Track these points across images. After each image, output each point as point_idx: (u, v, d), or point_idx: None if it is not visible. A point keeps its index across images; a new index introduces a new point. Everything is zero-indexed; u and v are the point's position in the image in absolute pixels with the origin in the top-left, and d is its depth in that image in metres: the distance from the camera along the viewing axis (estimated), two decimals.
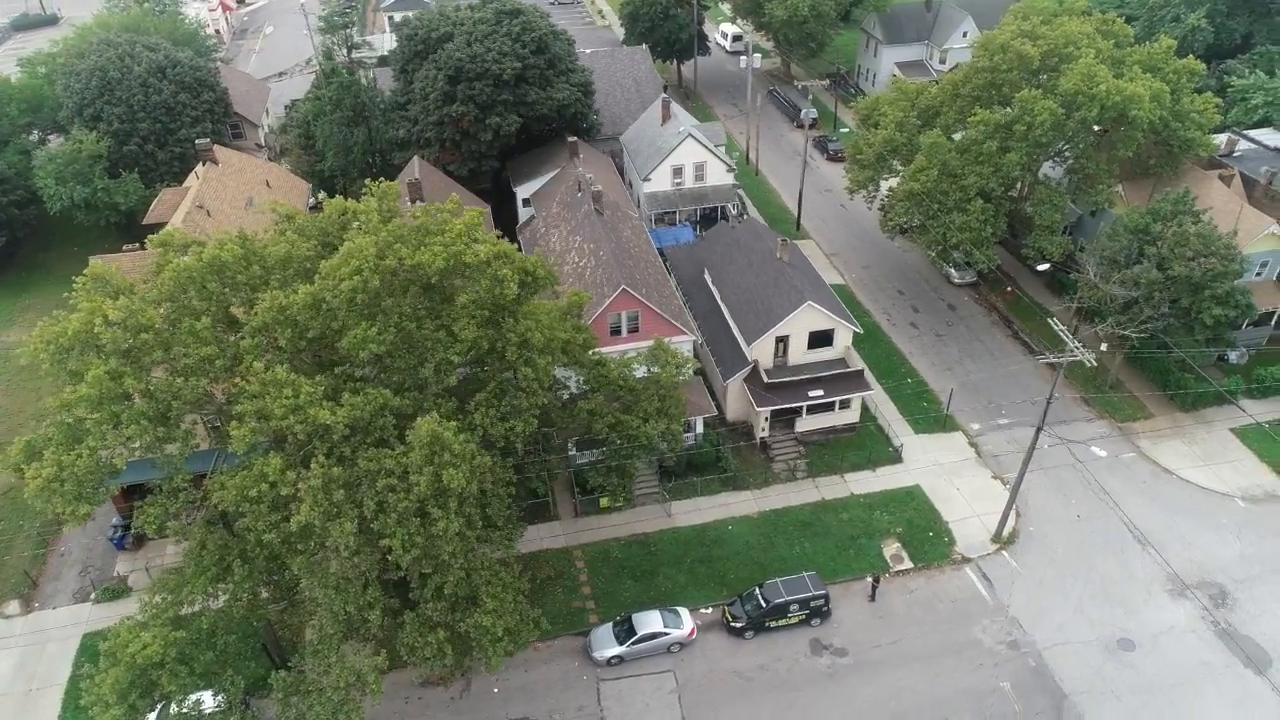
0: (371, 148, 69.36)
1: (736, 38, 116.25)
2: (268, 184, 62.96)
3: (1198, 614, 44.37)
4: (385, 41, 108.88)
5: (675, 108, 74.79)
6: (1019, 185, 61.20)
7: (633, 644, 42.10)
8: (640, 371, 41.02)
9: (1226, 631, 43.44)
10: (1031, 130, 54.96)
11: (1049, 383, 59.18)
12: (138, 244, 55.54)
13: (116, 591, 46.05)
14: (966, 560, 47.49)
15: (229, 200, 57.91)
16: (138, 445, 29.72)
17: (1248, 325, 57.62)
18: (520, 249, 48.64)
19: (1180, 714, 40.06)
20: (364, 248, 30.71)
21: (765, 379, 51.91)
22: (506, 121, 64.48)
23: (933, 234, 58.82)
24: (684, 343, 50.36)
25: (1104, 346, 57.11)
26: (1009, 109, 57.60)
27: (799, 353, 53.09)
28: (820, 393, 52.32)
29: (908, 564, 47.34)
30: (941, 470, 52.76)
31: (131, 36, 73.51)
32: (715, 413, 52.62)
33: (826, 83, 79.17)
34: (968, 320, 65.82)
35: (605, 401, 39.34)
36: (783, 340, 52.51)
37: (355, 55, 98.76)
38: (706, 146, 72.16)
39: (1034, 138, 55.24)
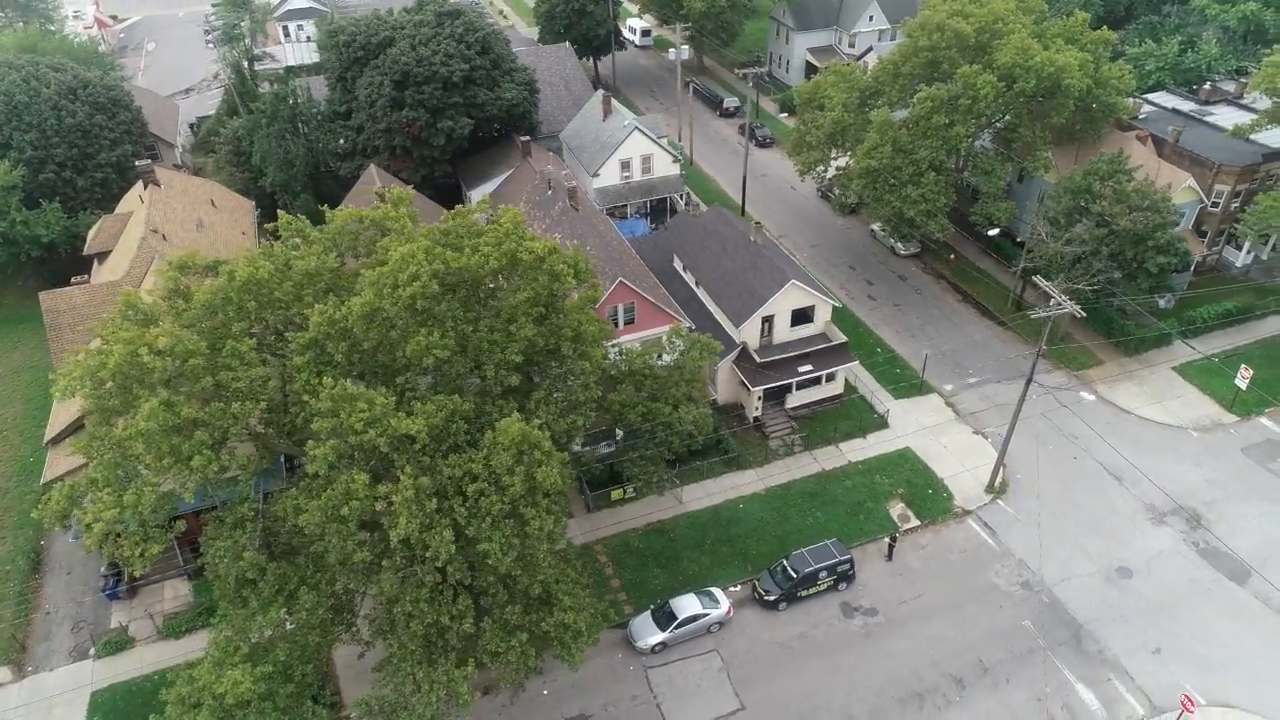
0: (313, 160, 66.95)
1: (645, 32, 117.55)
2: (213, 203, 60.08)
3: (1179, 538, 48.18)
4: (287, 52, 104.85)
5: (614, 103, 75.29)
6: (957, 157, 64.44)
7: (675, 629, 42.56)
8: (663, 359, 41.45)
9: (1207, 551, 47.37)
10: (976, 103, 58.11)
11: (1006, 342, 63.30)
12: (84, 276, 52.28)
13: (119, 644, 43.27)
14: (967, 512, 50.03)
15: (179, 222, 55.00)
16: (200, 476, 28.18)
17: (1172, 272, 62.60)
18: None
19: (1182, 629, 43.49)
20: (416, 253, 30.03)
21: (757, 359, 53.17)
22: (459, 125, 63.53)
23: (889, 208, 61.35)
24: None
25: (1053, 301, 61.10)
26: (947, 85, 60.65)
27: (783, 331, 54.56)
28: (809, 367, 54.00)
29: (914, 522, 49.50)
30: (926, 431, 55.29)
31: (33, 57, 68.52)
32: (714, 397, 53.49)
33: (755, 71, 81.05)
34: (920, 289, 68.96)
35: (634, 391, 39.56)
36: (768, 320, 53.87)
37: (259, 67, 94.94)
38: (652, 139, 72.97)
39: (978, 110, 58.44)
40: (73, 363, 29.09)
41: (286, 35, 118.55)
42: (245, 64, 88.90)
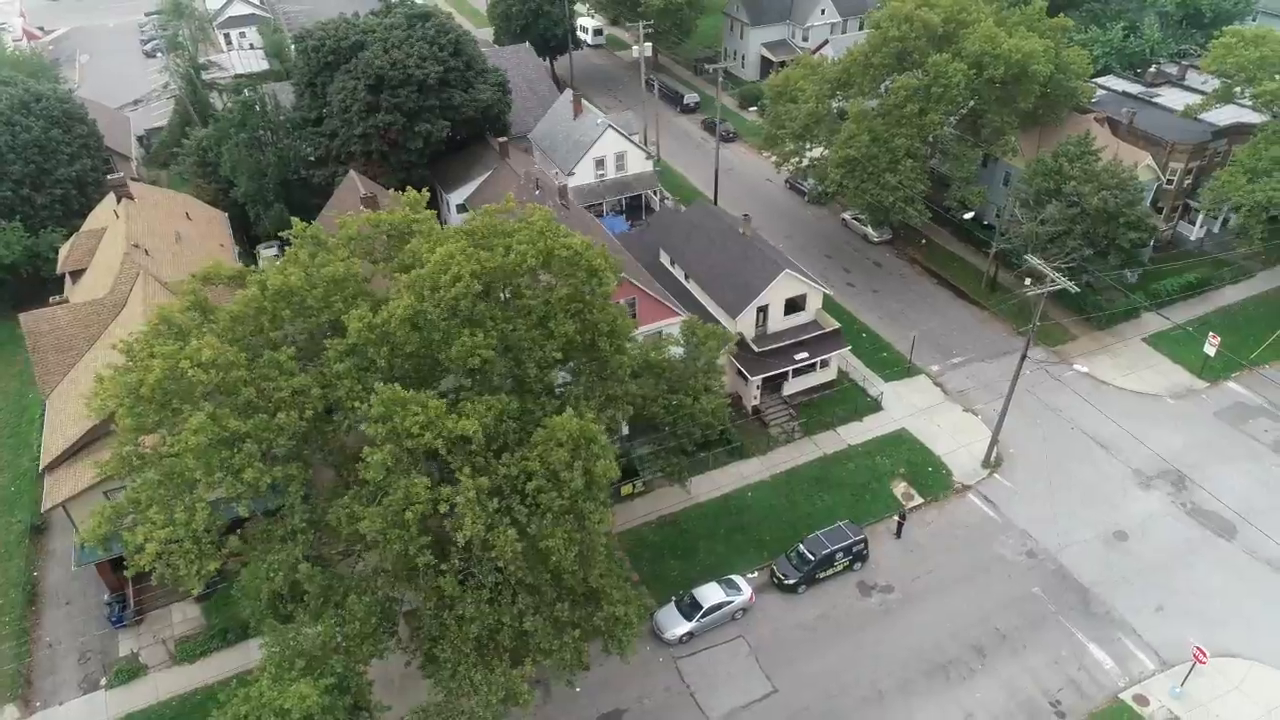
0: (283, 168, 65.48)
1: (597, 31, 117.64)
2: (188, 216, 58.38)
3: (1167, 500, 50.36)
4: (234, 60, 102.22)
5: (585, 102, 75.36)
6: (929, 144, 66.09)
7: (701, 618, 42.97)
8: (674, 351, 41.80)
9: (1195, 510, 49.61)
10: (948, 91, 59.74)
11: (984, 322, 65.23)
12: (62, 296, 50.47)
13: (131, 672, 41.92)
14: (967, 487, 51.50)
15: (158, 236, 53.35)
16: (252, 489, 27.51)
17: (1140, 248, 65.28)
18: None
19: (1180, 585, 45.52)
20: (455, 253, 29.80)
21: (755, 348, 53.86)
22: (436, 127, 62.85)
23: (869, 196, 62.66)
24: (676, 324, 51.36)
25: (1028, 281, 63.22)
26: (917, 74, 62.22)
27: (777, 320, 55.38)
28: (805, 355, 54.90)
29: (918, 500, 50.76)
30: (919, 411, 56.69)
31: None
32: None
33: (720, 67, 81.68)
34: (895, 274, 70.58)
35: (654, 384, 39.83)
36: (763, 310, 54.60)
37: (207, 76, 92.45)
38: (625, 136, 73.26)
39: (950, 97, 60.09)
40: (107, 380, 28.13)
41: (228, 43, 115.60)
42: (194, 73, 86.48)
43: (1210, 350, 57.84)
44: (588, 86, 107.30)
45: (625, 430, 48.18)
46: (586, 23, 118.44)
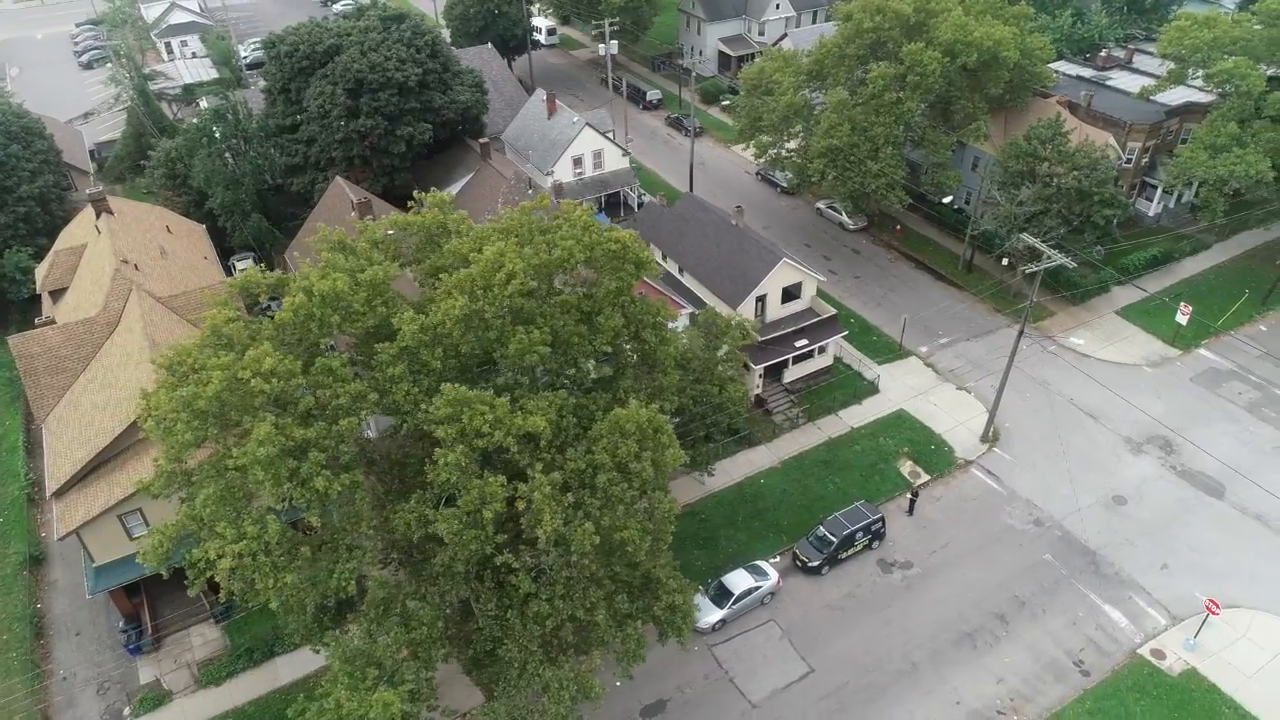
0: (259, 177, 63.97)
1: (551, 31, 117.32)
2: (168, 229, 56.63)
3: (1159, 463, 52.62)
4: (181, 69, 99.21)
5: (559, 101, 75.28)
6: (905, 131, 67.66)
7: (732, 605, 43.51)
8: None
9: (1185, 472, 51.94)
10: (924, 79, 61.31)
11: (964, 303, 67.08)
12: (48, 316, 48.64)
13: (156, 699, 40.72)
14: (969, 463, 53.03)
15: (143, 250, 51.66)
16: (322, 499, 27.01)
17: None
18: None
19: (1180, 544, 47.65)
20: (507, 251, 29.67)
21: (757, 337, 54.56)
22: (419, 130, 62.07)
23: (851, 184, 63.93)
24: (683, 316, 51.84)
25: (1005, 261, 65.42)
26: (889, 63, 63.62)
27: (775, 309, 56.20)
28: (804, 341, 55.86)
29: (925, 477, 52.09)
30: (914, 392, 58.12)
31: None
32: None
33: (691, 62, 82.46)
34: (874, 260, 72.12)
35: (681, 375, 40.11)
36: (761, 299, 55.35)
37: (154, 87, 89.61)
38: (601, 134, 73.40)
39: (927, 85, 61.68)
40: (159, 395, 27.28)
41: (169, 52, 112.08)
42: (144, 84, 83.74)
43: (1182, 319, 60.54)
44: (546, 86, 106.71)
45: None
46: (540, 22, 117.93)
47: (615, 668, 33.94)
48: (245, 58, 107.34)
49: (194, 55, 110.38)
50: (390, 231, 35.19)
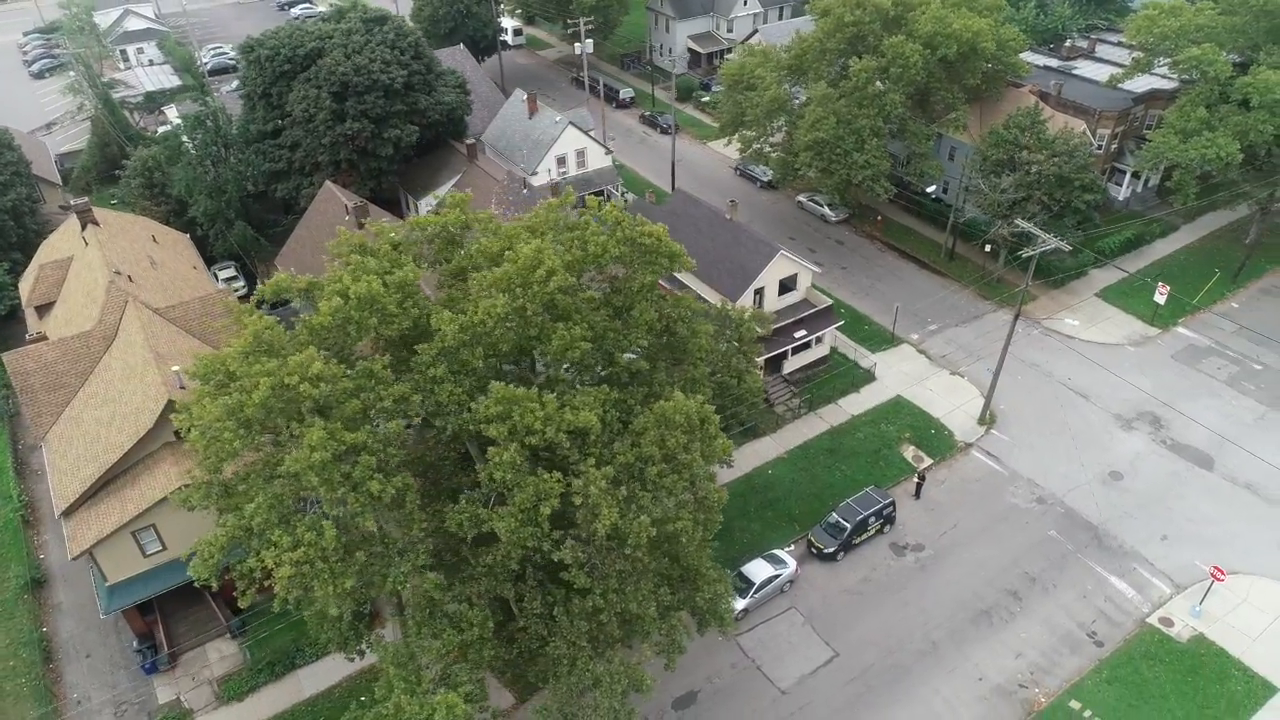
0: (241, 185, 62.78)
1: (517, 32, 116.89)
2: (154, 239, 55.32)
3: (1149, 438, 54.30)
4: (141, 77, 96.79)
5: (539, 101, 75.11)
6: (886, 123, 68.75)
7: (754, 594, 43.93)
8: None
9: (1175, 446, 53.67)
10: (906, 71, 62.43)
11: (950, 290, 68.41)
12: (38, 333, 47.29)
13: (177, 719, 39.77)
14: (969, 445, 54.17)
15: (133, 262, 50.42)
16: (375, 503, 26.74)
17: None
18: None
19: (1177, 515, 49.25)
20: (545, 248, 29.66)
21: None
22: (405, 132, 61.49)
23: (838, 177, 64.84)
24: None
25: (989, 249, 66.92)
26: (871, 56, 64.66)
27: (772, 301, 56.78)
28: (803, 332, 56.56)
29: (928, 461, 53.10)
30: (910, 378, 59.18)
31: None
32: None
33: (670, 61, 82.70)
34: (858, 251, 73.20)
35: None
36: (759, 292, 55.90)
37: (115, 95, 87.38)
38: (585, 132, 73.39)
39: (909, 77, 62.81)
40: (207, 407, 26.73)
41: (126, 60, 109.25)
42: (108, 93, 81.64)
43: (1160, 299, 62.49)
44: (516, 86, 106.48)
45: None
46: (506, 23, 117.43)
47: (655, 660, 34.10)
48: (206, 64, 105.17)
49: (151, 62, 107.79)
50: (413, 232, 34.83)
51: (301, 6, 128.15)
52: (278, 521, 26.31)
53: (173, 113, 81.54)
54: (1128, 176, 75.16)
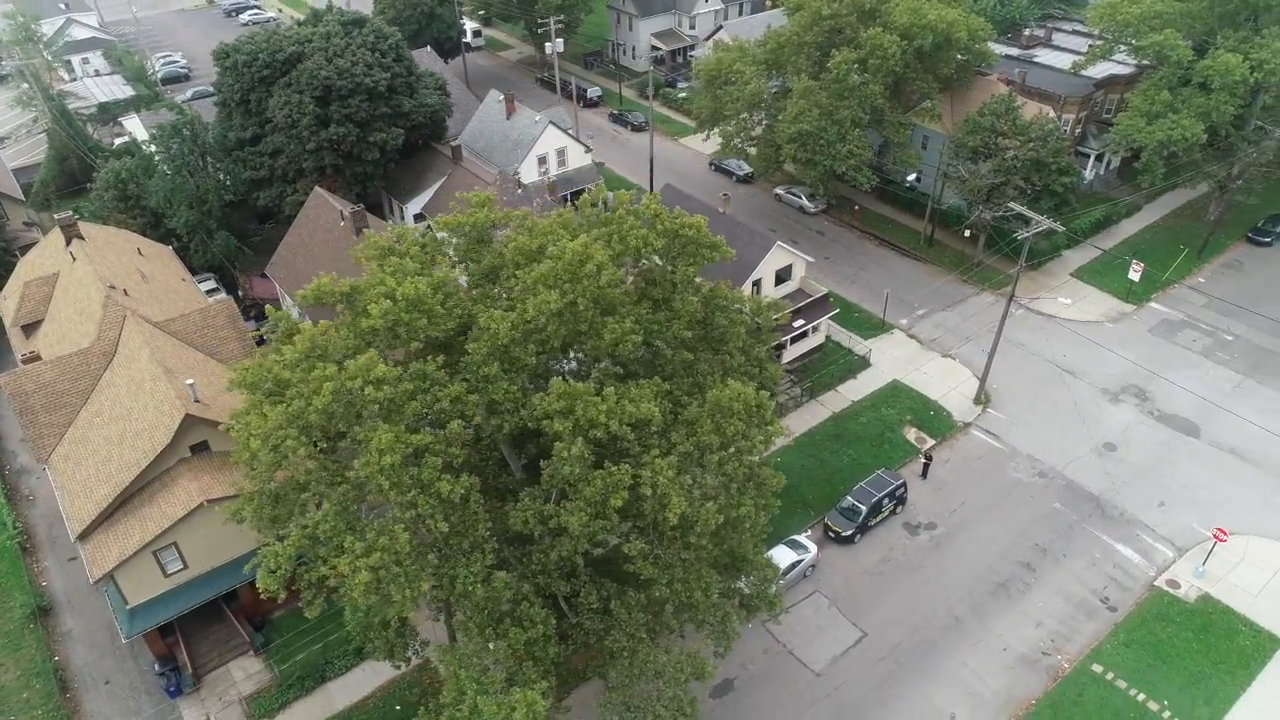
0: (221, 194, 61.31)
1: (476, 33, 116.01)
2: (139, 251, 53.76)
3: (1136, 410, 56.32)
4: (91, 88, 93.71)
5: (517, 101, 74.82)
6: (866, 113, 70.00)
7: (779, 580, 44.31)
8: None
9: (1161, 416, 55.76)
10: (885, 62, 63.70)
11: (932, 275, 69.93)
12: (32, 352, 45.71)
13: None
14: (968, 425, 55.56)
15: (124, 276, 48.97)
16: (445, 504, 26.50)
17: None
18: None
19: (1170, 481, 51.21)
20: (590, 243, 29.71)
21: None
22: (391, 135, 60.73)
23: (821, 168, 65.86)
24: None
25: (967, 234, 68.64)
26: (849, 48, 65.82)
27: (769, 291, 57.47)
28: (801, 321, 57.36)
29: (930, 442, 54.31)
30: (903, 363, 60.45)
31: None
32: None
33: (654, 58, 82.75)
34: (840, 241, 74.41)
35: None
36: (756, 283, 56.56)
37: (69, 106, 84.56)
38: (565, 131, 73.29)
39: (888, 68, 64.09)
40: (268, 415, 26.17)
41: (70, 71, 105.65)
42: (63, 105, 78.95)
43: (1135, 276, 64.81)
44: (483, 87, 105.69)
45: None
46: (466, 24, 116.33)
47: (724, 645, 34.28)
48: (157, 72, 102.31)
49: (98, 73, 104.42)
50: (441, 234, 34.56)
51: (250, 12, 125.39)
52: (345, 528, 25.94)
53: (131, 124, 79.20)
54: (1091, 159, 77.68)
